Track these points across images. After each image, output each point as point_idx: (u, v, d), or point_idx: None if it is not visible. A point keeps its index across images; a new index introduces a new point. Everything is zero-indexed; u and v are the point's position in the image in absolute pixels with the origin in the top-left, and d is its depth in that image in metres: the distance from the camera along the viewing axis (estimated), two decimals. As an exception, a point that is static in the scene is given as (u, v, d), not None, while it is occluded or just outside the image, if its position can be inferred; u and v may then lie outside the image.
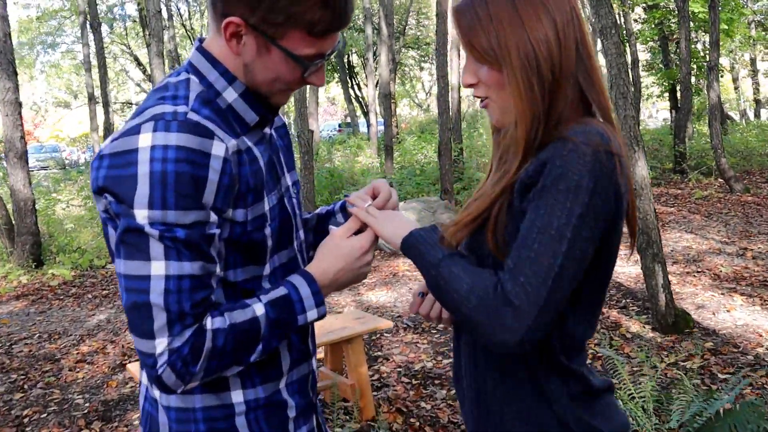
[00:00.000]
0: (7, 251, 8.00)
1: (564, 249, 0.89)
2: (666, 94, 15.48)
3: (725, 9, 12.03)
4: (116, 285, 6.73)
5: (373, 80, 18.81)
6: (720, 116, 10.36)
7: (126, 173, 0.89)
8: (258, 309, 0.99)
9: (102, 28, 17.93)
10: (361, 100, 25.79)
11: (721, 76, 14.68)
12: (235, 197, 0.98)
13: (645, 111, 27.39)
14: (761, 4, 20.45)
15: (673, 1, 12.28)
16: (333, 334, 3.13)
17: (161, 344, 0.91)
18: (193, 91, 1.00)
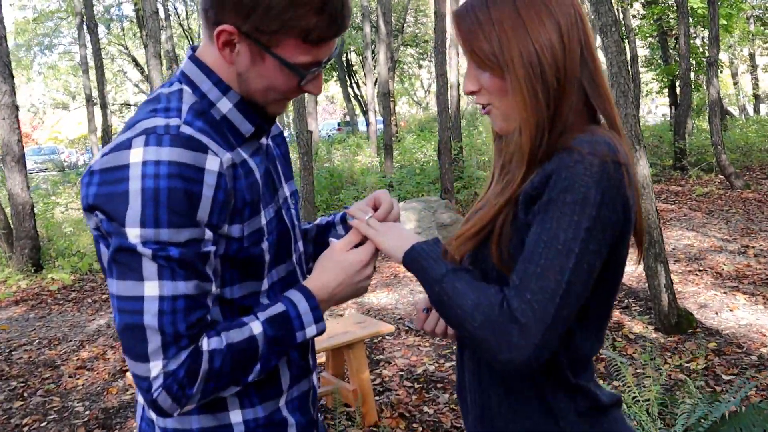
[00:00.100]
0: (6, 256, 7.97)
1: (571, 264, 0.86)
2: (665, 90, 15.46)
3: (724, 4, 11.99)
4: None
5: (372, 79, 18.76)
6: (720, 112, 10.32)
7: (117, 190, 0.87)
8: (255, 327, 0.97)
9: (99, 29, 17.88)
10: (360, 99, 25.74)
11: (720, 72, 14.65)
12: (231, 213, 0.95)
13: (644, 107, 27.36)
14: (760, -1, 20.40)
15: (672, -3, 12.25)
16: (334, 339, 3.10)
17: (156, 367, 0.88)
18: (186, 103, 0.97)
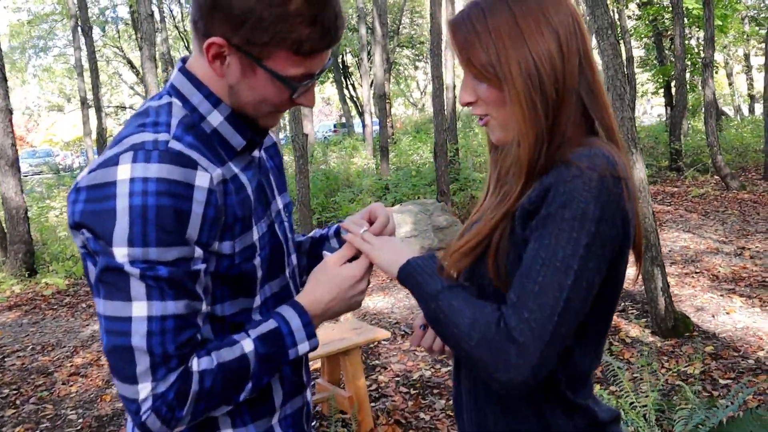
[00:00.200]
0: (0, 260, 7.92)
1: (570, 281, 0.84)
2: (661, 91, 15.48)
3: (719, 5, 12.01)
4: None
5: (368, 80, 18.73)
6: (715, 113, 10.34)
7: (104, 208, 0.84)
8: (247, 345, 0.95)
9: (94, 32, 17.79)
10: (356, 101, 25.71)
11: (716, 73, 14.69)
12: (222, 229, 0.93)
13: (639, 107, 27.41)
14: None
15: (667, -2, 12.28)
16: (330, 346, 3.08)
17: (145, 389, 0.86)
18: (176, 117, 0.95)
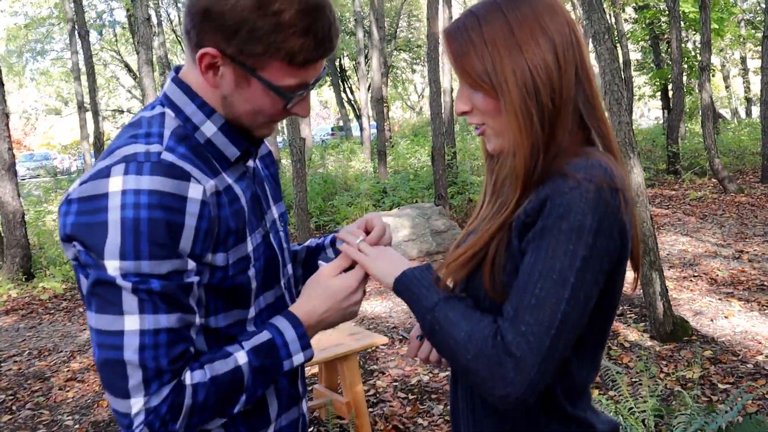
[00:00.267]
0: (-3, 264, 7.89)
1: (567, 294, 0.84)
2: (658, 94, 15.51)
3: (715, 8, 12.04)
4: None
5: (365, 84, 18.74)
6: (712, 116, 10.36)
7: (95, 220, 0.83)
8: (240, 357, 0.93)
9: (91, 35, 17.78)
10: (354, 104, 25.72)
11: (713, 76, 14.72)
12: (215, 241, 0.92)
13: (637, 110, 27.48)
14: (750, 2, 20.55)
15: (664, 1, 12.30)
16: (327, 352, 3.06)
17: (137, 404, 0.85)
18: (168, 128, 0.94)
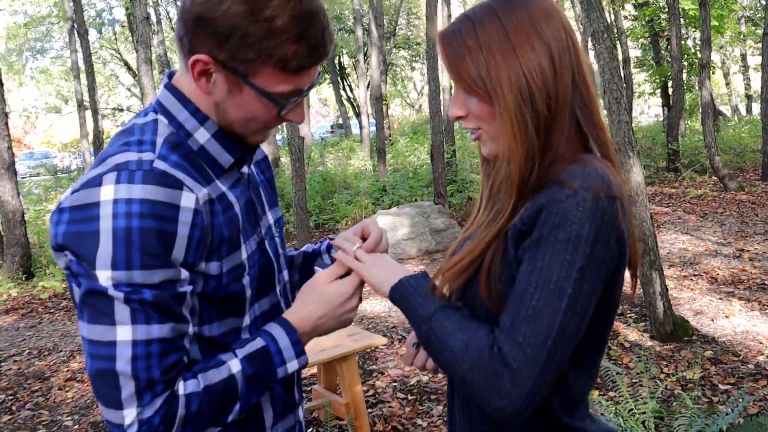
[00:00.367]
0: (-4, 264, 7.88)
1: (564, 305, 0.83)
2: (658, 91, 15.48)
3: (715, 5, 12.00)
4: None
5: (365, 82, 18.71)
6: (712, 114, 10.34)
7: (87, 229, 0.82)
8: (234, 366, 0.93)
9: (91, 34, 17.75)
10: (353, 102, 25.68)
11: (713, 73, 14.68)
12: (209, 250, 0.91)
13: (637, 108, 27.44)
14: None
15: (664, -1, 12.27)
16: (326, 353, 3.06)
17: (130, 415, 0.84)
18: (161, 135, 0.93)
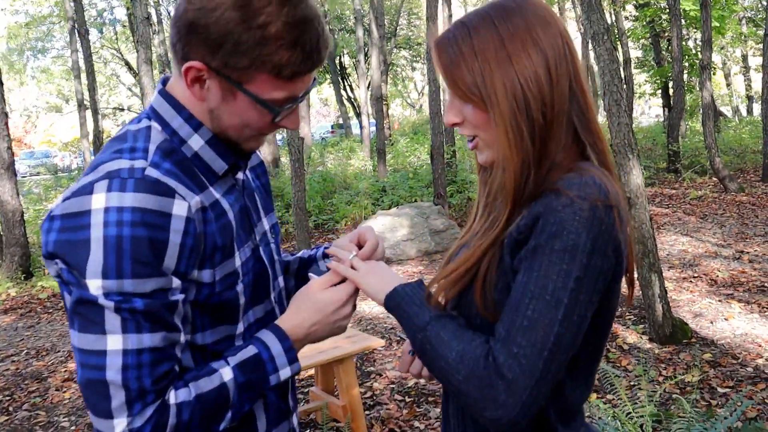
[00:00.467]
0: (-5, 263, 7.88)
1: (560, 315, 0.82)
2: (658, 92, 15.46)
3: (716, 6, 11.99)
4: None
5: (365, 82, 18.70)
6: (713, 115, 10.32)
7: (78, 238, 0.82)
8: (226, 374, 0.92)
9: (92, 33, 17.75)
10: (354, 102, 25.67)
11: (713, 74, 14.66)
12: (201, 258, 0.90)
13: (638, 108, 27.43)
14: (752, 0, 20.47)
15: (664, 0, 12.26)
16: (323, 355, 3.05)
17: (120, 425, 0.83)
18: (154, 142, 0.92)
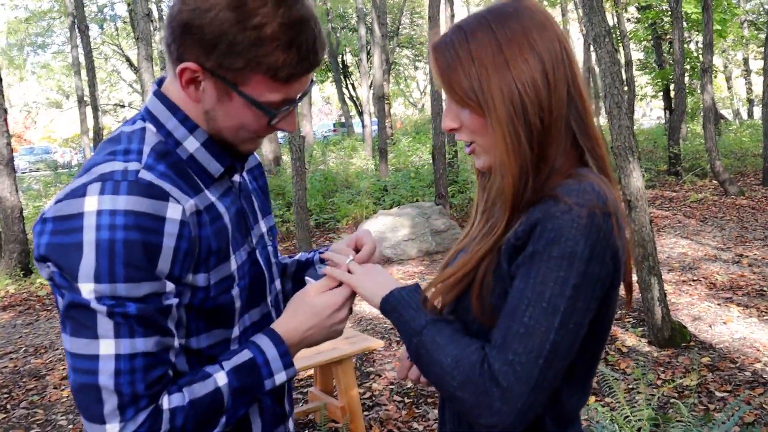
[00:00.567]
0: (-6, 260, 7.87)
1: (557, 323, 0.81)
2: (660, 94, 15.45)
3: (718, 9, 11.97)
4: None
5: (367, 81, 18.68)
6: (714, 118, 10.31)
7: (70, 241, 0.81)
8: (220, 379, 0.91)
9: (93, 29, 17.74)
10: (356, 100, 25.64)
11: (714, 77, 14.65)
12: (196, 261, 0.89)
13: (639, 110, 27.42)
14: (753, 3, 20.46)
15: (667, 2, 12.24)
16: (323, 355, 3.04)
17: (112, 430, 0.82)
18: (148, 144, 0.91)
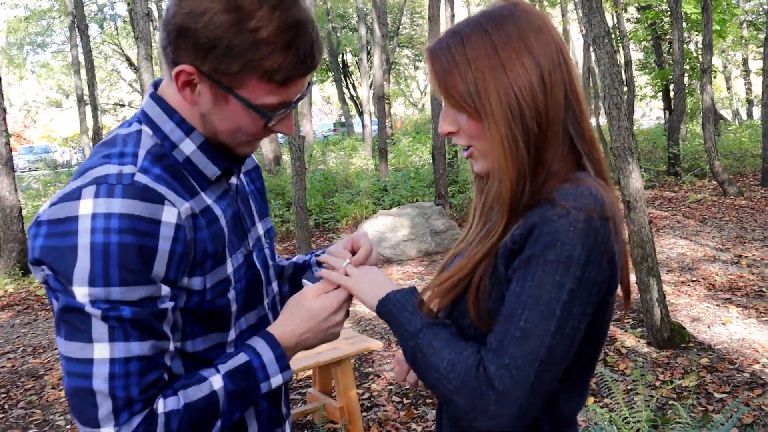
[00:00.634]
0: (-7, 259, 7.86)
1: (553, 327, 0.81)
2: (659, 94, 15.45)
3: (717, 9, 11.97)
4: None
5: (367, 81, 18.67)
6: (713, 119, 10.31)
7: (64, 244, 0.80)
8: (215, 382, 0.91)
9: (93, 28, 17.73)
10: (356, 100, 25.63)
11: (714, 77, 14.65)
12: (191, 265, 0.89)
13: (638, 110, 27.41)
14: (753, 4, 20.46)
15: (666, 2, 12.24)
16: (321, 356, 3.04)
17: (107, 434, 0.82)
18: (144, 147, 0.90)
